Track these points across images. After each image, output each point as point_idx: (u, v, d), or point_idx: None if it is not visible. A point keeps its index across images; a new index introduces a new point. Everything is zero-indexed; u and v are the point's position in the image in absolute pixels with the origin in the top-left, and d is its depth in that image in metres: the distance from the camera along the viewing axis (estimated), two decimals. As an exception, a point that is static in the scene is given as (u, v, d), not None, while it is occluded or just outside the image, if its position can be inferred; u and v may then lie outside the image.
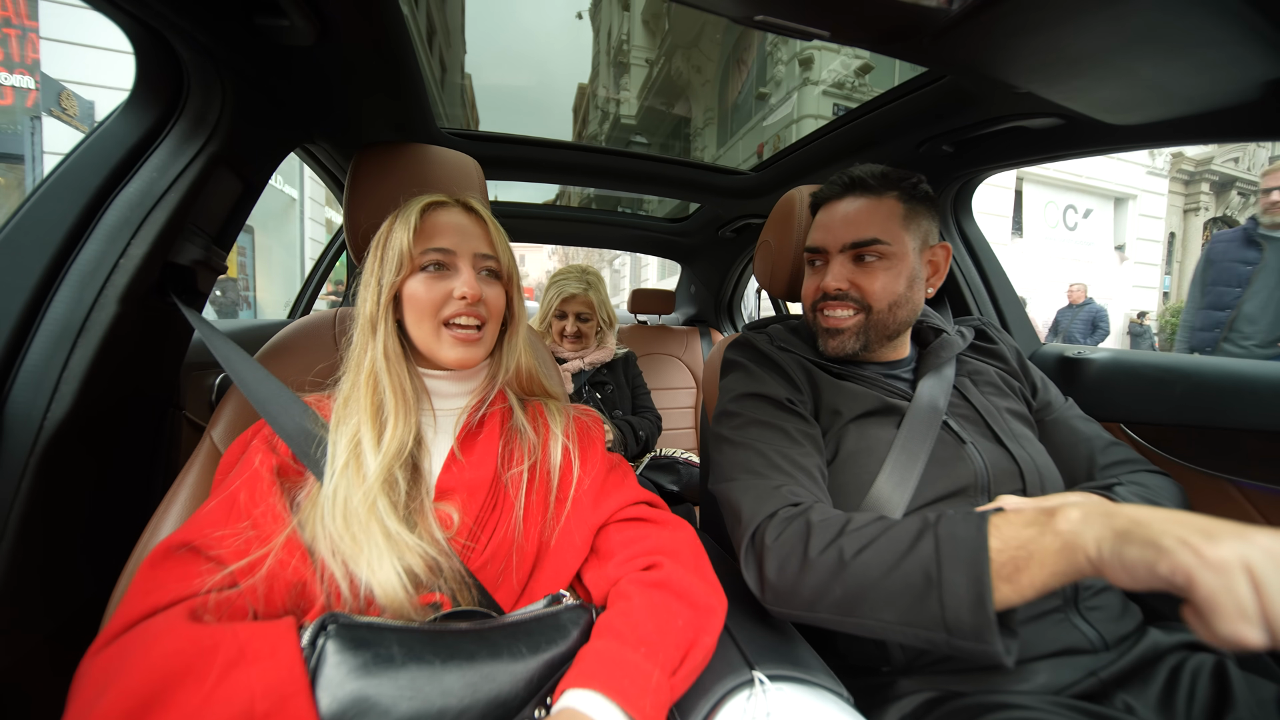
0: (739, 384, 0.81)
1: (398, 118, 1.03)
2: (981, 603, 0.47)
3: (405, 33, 0.80)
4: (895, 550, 0.53)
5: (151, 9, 0.61)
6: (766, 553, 0.60)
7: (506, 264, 0.69)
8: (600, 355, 1.81)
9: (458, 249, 0.65)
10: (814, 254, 0.83)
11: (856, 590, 0.54)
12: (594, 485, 0.67)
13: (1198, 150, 11.14)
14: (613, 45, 15.54)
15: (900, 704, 0.62)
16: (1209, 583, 0.38)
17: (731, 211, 1.91)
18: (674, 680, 0.49)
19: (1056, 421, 0.86)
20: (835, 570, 0.55)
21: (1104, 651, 0.64)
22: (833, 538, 0.57)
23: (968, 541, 0.49)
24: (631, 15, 14.45)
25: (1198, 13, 0.54)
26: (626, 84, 14.26)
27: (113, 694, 0.38)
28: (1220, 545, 0.38)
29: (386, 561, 0.51)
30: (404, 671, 0.43)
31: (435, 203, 0.67)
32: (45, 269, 0.64)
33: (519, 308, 0.73)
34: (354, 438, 0.57)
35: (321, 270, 1.89)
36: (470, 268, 0.65)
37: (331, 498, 0.54)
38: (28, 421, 0.62)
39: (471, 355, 0.65)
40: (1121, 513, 0.45)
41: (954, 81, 0.89)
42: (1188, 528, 0.40)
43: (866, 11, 0.62)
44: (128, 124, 0.71)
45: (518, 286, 0.72)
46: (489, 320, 0.67)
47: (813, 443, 0.73)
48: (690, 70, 11.93)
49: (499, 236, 0.69)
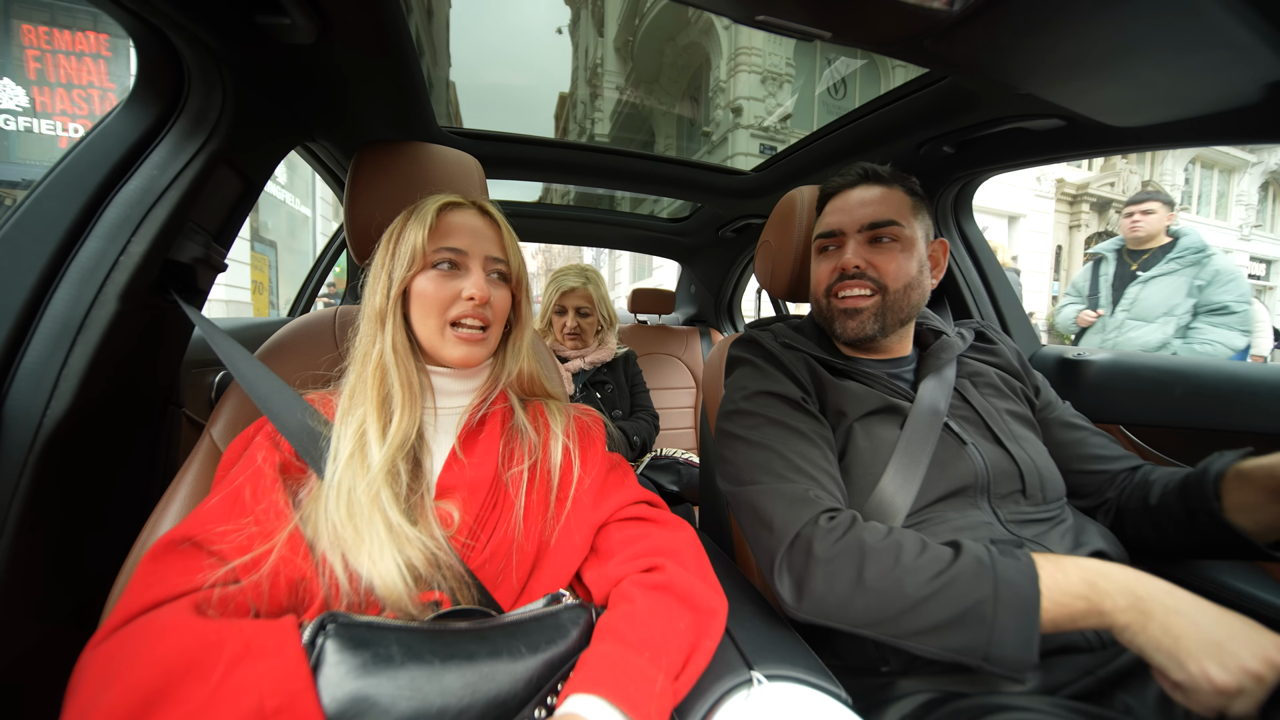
0: (750, 380, 0.81)
1: (398, 116, 1.03)
2: (1029, 646, 0.52)
3: (406, 31, 0.80)
4: (956, 592, 0.55)
5: (153, 6, 0.61)
6: (814, 564, 0.60)
7: (516, 268, 0.70)
8: (601, 355, 1.82)
9: (470, 250, 0.65)
10: (828, 238, 0.84)
11: (909, 618, 0.56)
12: (594, 484, 0.67)
13: (1078, 176, 12.92)
14: (590, 64, 16.36)
15: (899, 705, 0.62)
16: (1205, 702, 0.47)
17: (732, 211, 1.91)
18: (677, 684, 0.49)
19: (1060, 420, 0.87)
20: (892, 599, 0.56)
21: (1102, 650, 0.64)
22: (890, 565, 0.58)
23: (1024, 596, 0.54)
24: (605, 40, 15.26)
25: (1198, 15, 0.54)
26: (600, 106, 15.34)
27: (118, 688, 0.38)
28: (1228, 673, 0.46)
29: (388, 553, 0.51)
30: (403, 671, 0.42)
31: (451, 203, 0.67)
32: (45, 266, 0.64)
33: (525, 311, 0.73)
34: (360, 428, 0.58)
35: (321, 269, 1.89)
36: (481, 269, 0.66)
37: (335, 488, 0.54)
38: (27, 419, 0.61)
39: (474, 355, 0.66)
40: (1160, 619, 0.50)
41: (955, 83, 0.89)
42: (1209, 650, 0.47)
43: (867, 12, 0.62)
44: (128, 121, 0.71)
45: (526, 290, 0.73)
46: (494, 322, 0.67)
47: (827, 444, 0.73)
48: (653, 101, 13.39)
49: (510, 240, 0.70)
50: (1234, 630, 0.48)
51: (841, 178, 0.85)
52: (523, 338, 0.73)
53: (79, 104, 6.40)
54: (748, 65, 10.39)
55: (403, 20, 0.78)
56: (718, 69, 10.87)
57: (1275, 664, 0.47)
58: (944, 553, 0.58)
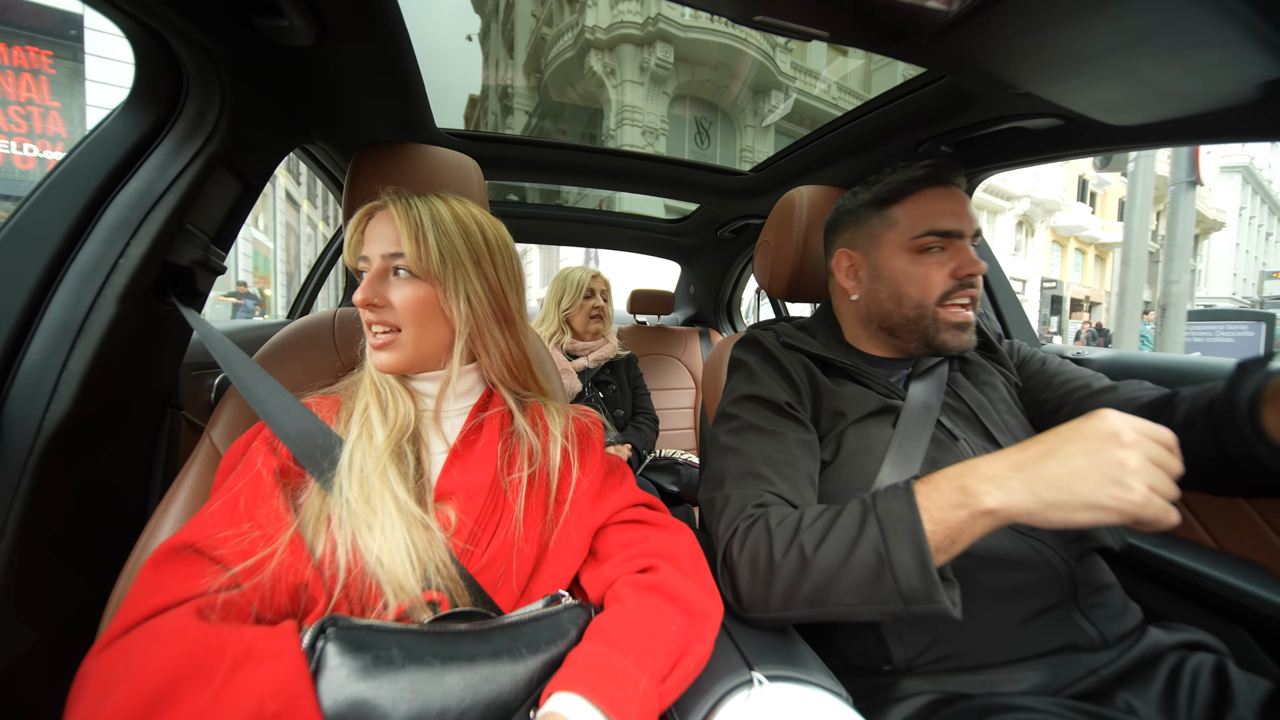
0: (740, 384, 0.81)
1: (396, 118, 1.03)
2: (926, 568, 0.52)
3: (404, 33, 0.80)
4: (848, 538, 0.56)
5: (150, 9, 0.61)
6: (739, 564, 0.62)
7: (422, 259, 0.61)
8: (605, 352, 1.88)
9: (370, 254, 0.63)
10: (943, 237, 0.76)
11: (822, 582, 0.56)
12: (592, 487, 0.67)
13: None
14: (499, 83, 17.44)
15: (902, 705, 0.62)
16: (1154, 515, 0.47)
17: (731, 212, 1.91)
18: (663, 688, 0.49)
19: (1045, 373, 0.86)
20: (800, 568, 0.57)
21: (1104, 650, 0.64)
22: (791, 537, 0.59)
23: (905, 520, 0.54)
24: (515, 63, 16.56)
25: (1197, 13, 0.54)
26: (511, 123, 16.45)
27: (120, 693, 0.38)
28: (1134, 490, 0.46)
29: (399, 530, 0.52)
30: (404, 673, 0.42)
31: (374, 207, 0.66)
32: (44, 269, 0.64)
33: (477, 305, 0.64)
34: (364, 413, 0.62)
35: (321, 270, 1.89)
36: (377, 270, 0.62)
37: (348, 467, 0.56)
38: (26, 422, 0.61)
39: (388, 360, 0.63)
40: (1039, 472, 0.50)
41: (953, 82, 0.89)
42: (1101, 482, 0.47)
43: (865, 12, 0.62)
44: (126, 124, 0.71)
45: (459, 283, 0.63)
46: (405, 323, 0.62)
47: (806, 448, 0.73)
48: (557, 132, 15.11)
49: (415, 231, 0.61)
50: (1098, 442, 0.48)
51: (937, 167, 0.77)
52: (474, 329, 0.65)
53: (16, 121, 6.31)
54: (631, 120, 12.74)
55: (401, 22, 0.78)
56: (608, 118, 12.98)
57: (1153, 436, 0.48)
58: (833, 509, 0.59)
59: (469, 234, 0.65)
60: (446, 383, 0.66)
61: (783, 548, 0.58)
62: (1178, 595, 0.88)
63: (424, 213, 0.62)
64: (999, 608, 0.65)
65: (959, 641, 0.64)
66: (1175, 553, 0.90)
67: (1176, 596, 0.89)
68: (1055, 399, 0.82)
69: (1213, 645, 0.66)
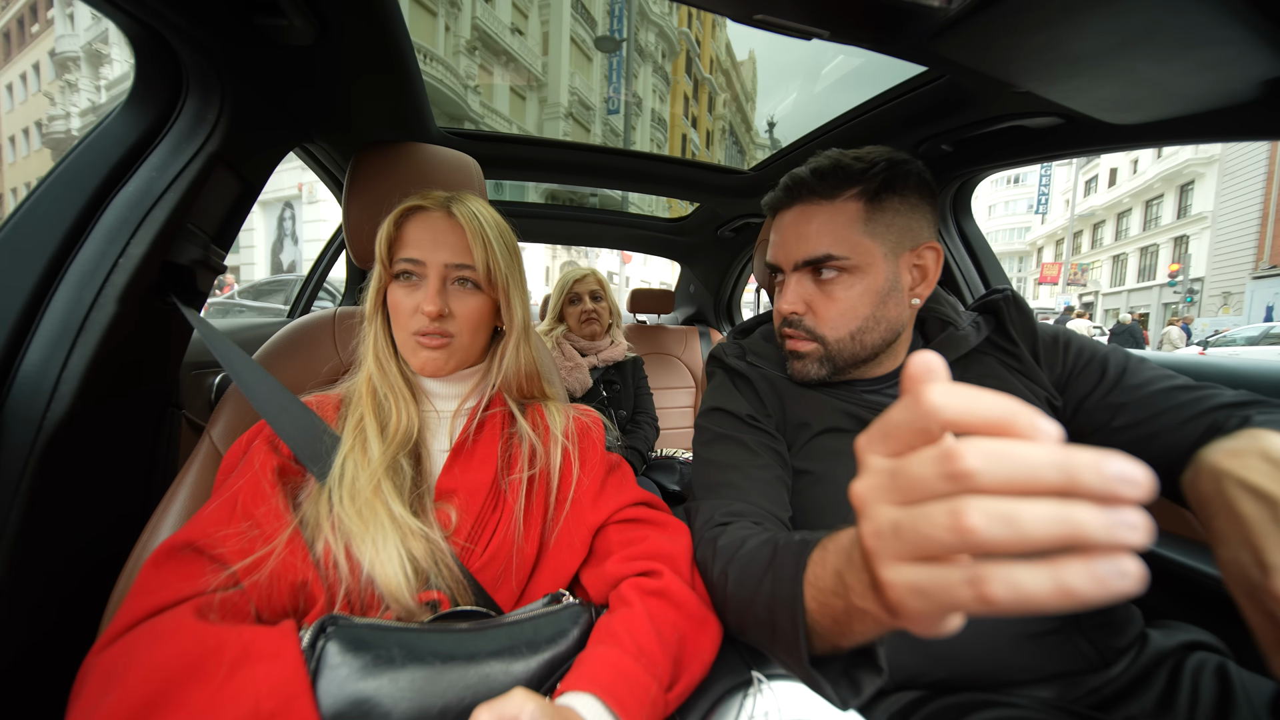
0: (710, 395, 0.80)
1: (396, 117, 1.03)
2: (798, 658, 0.42)
3: (404, 32, 0.80)
4: (753, 581, 0.49)
5: (150, 8, 0.61)
6: (702, 577, 0.61)
7: (490, 271, 0.64)
8: (613, 353, 1.88)
9: (427, 259, 0.63)
10: (773, 270, 0.74)
11: (736, 617, 0.54)
12: (593, 485, 0.67)
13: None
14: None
15: (888, 701, 0.61)
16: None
17: (731, 211, 1.91)
18: (669, 696, 0.49)
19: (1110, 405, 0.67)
20: (722, 597, 0.56)
21: (1104, 669, 0.61)
22: (725, 564, 0.56)
23: (786, 595, 0.43)
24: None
25: (1196, 12, 0.54)
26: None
27: (119, 692, 0.38)
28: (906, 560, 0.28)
29: (392, 542, 0.52)
30: (404, 672, 0.42)
31: (414, 207, 0.65)
32: (44, 269, 0.64)
33: (516, 314, 0.68)
34: (359, 424, 0.60)
35: (321, 269, 1.88)
36: (437, 279, 0.63)
37: (339, 478, 0.56)
38: (27, 421, 0.61)
39: (436, 360, 0.64)
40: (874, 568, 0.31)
41: (953, 81, 0.89)
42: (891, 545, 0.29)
43: (865, 10, 0.62)
44: (126, 123, 0.70)
45: (512, 293, 0.67)
46: (460, 333, 0.64)
47: (772, 454, 0.71)
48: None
49: (481, 242, 0.63)
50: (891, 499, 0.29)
51: (775, 193, 0.72)
52: (512, 341, 0.69)
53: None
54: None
55: (401, 21, 0.78)
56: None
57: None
58: (768, 542, 0.52)
59: (510, 240, 0.68)
60: (473, 387, 0.69)
61: (718, 571, 0.57)
62: (1178, 595, 0.88)
63: (486, 223, 0.64)
64: (999, 628, 0.62)
65: (955, 664, 0.62)
66: (1175, 552, 0.90)
67: (1177, 596, 0.89)
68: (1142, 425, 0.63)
69: (1214, 645, 0.65)
